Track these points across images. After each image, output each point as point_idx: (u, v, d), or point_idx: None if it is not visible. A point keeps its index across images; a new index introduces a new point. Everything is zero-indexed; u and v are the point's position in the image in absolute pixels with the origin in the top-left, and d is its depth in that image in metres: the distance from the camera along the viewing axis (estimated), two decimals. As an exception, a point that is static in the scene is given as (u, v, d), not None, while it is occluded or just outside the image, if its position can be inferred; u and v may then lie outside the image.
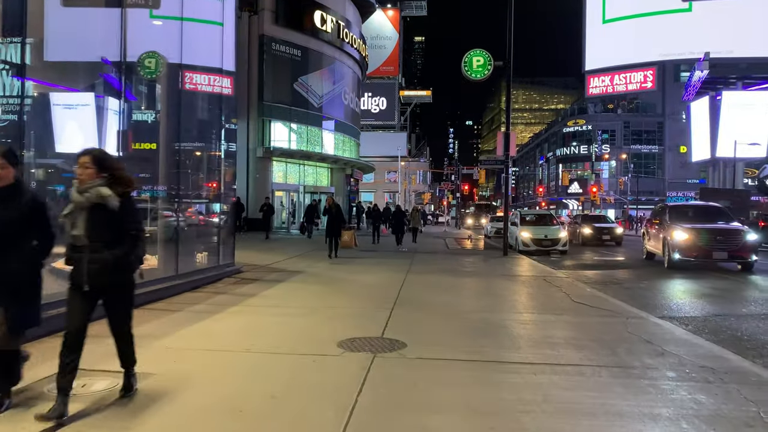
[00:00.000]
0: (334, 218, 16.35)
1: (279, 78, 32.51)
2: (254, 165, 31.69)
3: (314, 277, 12.21)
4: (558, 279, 12.73)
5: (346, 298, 9.57)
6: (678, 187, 79.98)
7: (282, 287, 10.60)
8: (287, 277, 12.00)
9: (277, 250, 18.41)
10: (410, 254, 18.87)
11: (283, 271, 13.18)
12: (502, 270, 14.61)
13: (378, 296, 9.62)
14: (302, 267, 13.97)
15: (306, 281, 11.48)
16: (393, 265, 14.92)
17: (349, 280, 11.81)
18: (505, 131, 19.56)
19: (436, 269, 14.28)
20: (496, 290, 10.82)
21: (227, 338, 6.39)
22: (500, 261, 17.26)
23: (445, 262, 16.70)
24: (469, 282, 11.97)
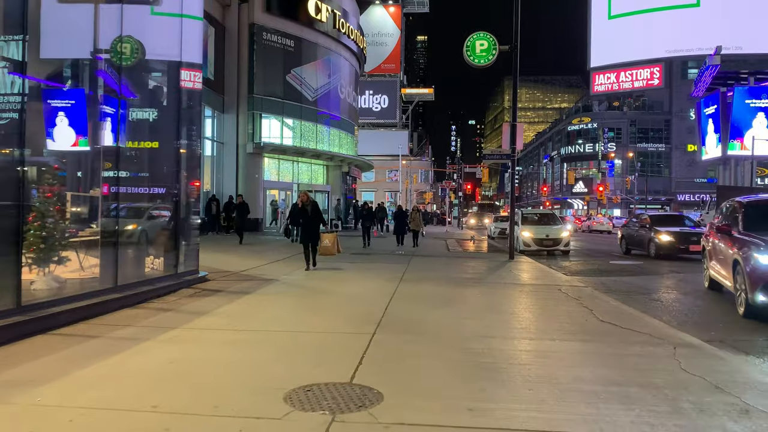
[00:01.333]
0: (310, 219, 13.22)
1: (270, 69, 30.75)
2: (244, 161, 29.94)
3: (289, 287, 10.44)
4: (574, 289, 10.94)
5: (319, 316, 7.78)
6: (685, 187, 78.05)
7: (246, 301, 8.81)
8: (257, 287, 10.23)
9: (257, 255, 16.64)
10: (407, 257, 17.09)
11: (255, 279, 11.41)
12: (508, 277, 12.82)
13: (359, 314, 7.84)
14: (279, 274, 12.20)
15: (278, 293, 9.70)
16: (385, 272, 13.14)
17: (328, 292, 10.02)
18: (512, 122, 17.76)
19: (433, 276, 12.49)
20: (503, 305, 9.02)
21: (134, 385, 4.60)
22: (506, 266, 15.47)
23: (444, 267, 14.91)
24: (471, 293, 10.18)
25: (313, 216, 13.24)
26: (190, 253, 10.81)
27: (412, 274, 12.70)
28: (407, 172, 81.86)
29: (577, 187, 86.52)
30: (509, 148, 17.84)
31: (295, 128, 32.70)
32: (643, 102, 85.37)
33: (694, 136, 77.64)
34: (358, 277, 12.26)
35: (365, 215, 21.59)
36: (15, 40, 6.70)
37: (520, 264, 16.10)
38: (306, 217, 13.29)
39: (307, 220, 13.26)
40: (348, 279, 11.83)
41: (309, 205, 13.30)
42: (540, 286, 11.39)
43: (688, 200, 77.88)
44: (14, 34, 6.73)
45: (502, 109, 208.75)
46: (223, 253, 17.17)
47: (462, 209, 62.53)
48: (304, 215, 13.30)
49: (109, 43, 9.38)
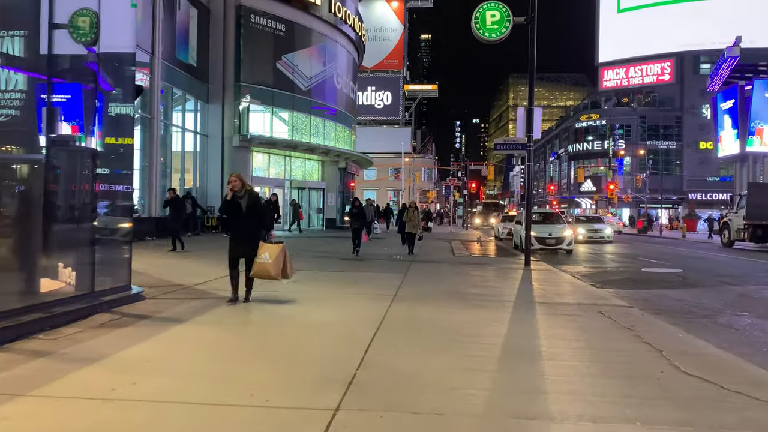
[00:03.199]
0: (245, 220, 8.23)
1: (259, 56, 28.26)
2: (230, 156, 27.45)
3: (239, 311, 7.88)
4: (618, 310, 8.40)
5: (259, 369, 5.19)
6: (697, 185, 75.30)
7: (168, 337, 6.27)
8: (199, 311, 7.69)
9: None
10: (405, 265, 14.53)
11: (205, 297, 8.87)
12: (528, 292, 10.25)
13: (324, 363, 5.30)
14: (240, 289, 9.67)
15: (220, 322, 7.13)
16: (375, 286, 10.59)
17: (291, 320, 7.44)
18: (528, 106, 15.19)
19: (436, 292, 9.92)
20: (533, 341, 6.44)
21: None
22: (523, 275, 12.90)
23: (448, 277, 12.34)
24: (486, 320, 7.62)
25: (248, 214, 8.20)
26: (116, 264, 8.30)
27: (409, 289, 10.13)
28: (410, 170, 79.40)
29: (584, 186, 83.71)
30: (524, 136, 15.27)
31: (286, 119, 30.19)
32: (653, 98, 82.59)
33: (706, 133, 75.05)
34: (338, 294, 9.70)
35: (355, 214, 17.32)
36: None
37: (538, 273, 13.54)
38: (239, 216, 8.24)
39: (241, 220, 8.25)
40: (324, 297, 9.26)
41: (244, 197, 8.22)
42: (573, 306, 8.82)
43: (701, 199, 75.19)
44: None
45: (507, 107, 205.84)
46: (191, 259, 14.66)
47: (466, 208, 59.87)
48: (235, 212, 8.24)
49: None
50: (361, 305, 8.44)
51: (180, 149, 25.38)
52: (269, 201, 16.93)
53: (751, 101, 50.95)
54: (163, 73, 23.08)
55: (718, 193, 74.72)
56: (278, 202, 17.52)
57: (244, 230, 8.27)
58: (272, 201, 16.80)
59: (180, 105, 25.64)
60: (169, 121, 24.52)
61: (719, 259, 20.31)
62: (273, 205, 16.78)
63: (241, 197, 8.22)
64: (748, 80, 52.65)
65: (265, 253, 8.12)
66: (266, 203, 17.13)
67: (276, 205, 17.57)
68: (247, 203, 8.22)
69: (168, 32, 23.32)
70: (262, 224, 8.51)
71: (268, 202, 16.91)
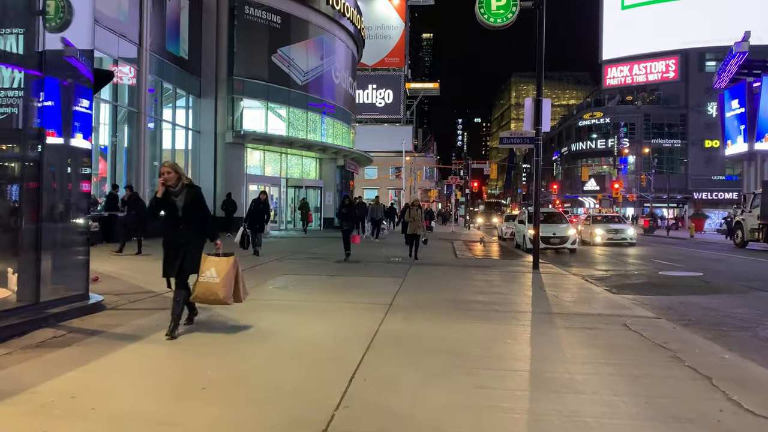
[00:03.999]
0: (181, 225, 6.12)
1: (254, 49, 27.17)
2: (223, 153, 26.39)
3: (206, 327, 6.79)
4: (644, 322, 7.34)
5: (218, 403, 4.12)
6: (702, 184, 74.16)
7: (114, 361, 5.19)
8: (161, 326, 6.57)
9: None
10: (403, 268, 13.45)
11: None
12: (542, 300, 9.17)
13: (298, 398, 4.23)
14: (218, 297, 8.62)
15: (181, 340, 6.04)
16: (369, 292, 9.52)
17: (266, 337, 6.33)
18: (537, 97, 14.09)
19: (437, 301, 8.84)
20: (553, 366, 5.35)
21: None
22: (532, 280, 11.83)
23: (451, 282, 11.26)
24: (495, 336, 6.54)
25: (186, 216, 6.12)
26: (70, 270, 7.24)
27: (407, 297, 9.04)
28: (411, 168, 78.32)
29: (588, 185, 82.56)
30: (532, 129, 14.18)
31: (281, 115, 29.12)
32: (657, 96, 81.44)
33: (711, 131, 73.90)
34: (326, 303, 8.61)
35: (344, 214, 15.20)
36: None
37: (549, 277, 12.46)
38: (173, 219, 6.15)
39: (175, 224, 6.14)
40: (310, 307, 8.19)
41: (181, 193, 6.14)
42: (593, 317, 7.74)
43: (706, 198, 74.08)
44: None
45: (509, 106, 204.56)
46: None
47: (468, 208, 58.75)
48: (169, 213, 6.17)
49: None
50: (351, 317, 7.36)
51: (170, 146, 24.33)
52: (258, 200, 15.29)
53: (759, 98, 49.75)
54: (152, 66, 22.03)
55: (724, 193, 73.57)
56: (268, 201, 15.90)
57: (178, 237, 6.07)
58: (261, 200, 15.24)
59: (170, 100, 24.58)
60: (158, 116, 23.47)
61: (737, 261, 19.21)
62: (263, 205, 15.19)
63: (177, 194, 6.11)
64: (757, 77, 51.40)
65: (211, 269, 6.09)
66: (255, 202, 15.57)
67: (266, 204, 15.94)
68: (184, 202, 6.09)
69: (157, 23, 22.25)
70: (205, 229, 6.32)
71: (257, 201, 15.27)
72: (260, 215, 15.37)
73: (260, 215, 15.37)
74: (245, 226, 14.70)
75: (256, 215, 15.20)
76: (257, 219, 15.26)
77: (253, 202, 15.60)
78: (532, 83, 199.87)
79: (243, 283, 6.36)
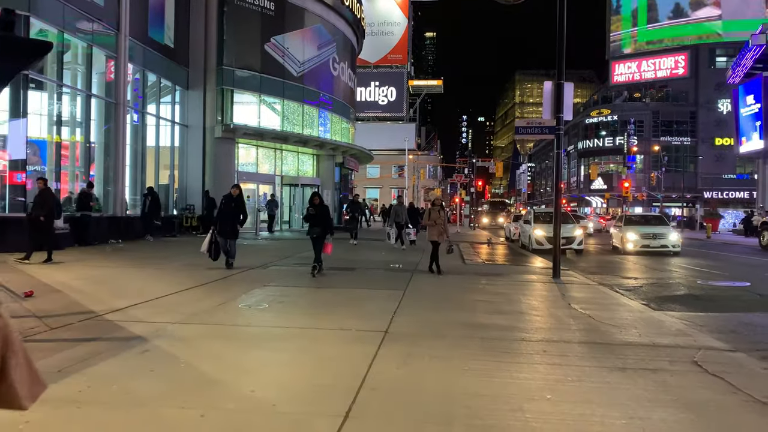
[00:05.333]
0: None
1: (245, 37, 25.40)
2: (212, 148, 24.61)
3: (129, 372, 4.97)
4: (721, 359, 5.55)
5: None
6: (713, 183, 72.20)
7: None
8: (73, 368, 4.80)
9: (176, 275, 11.21)
10: (404, 277, 11.64)
11: (105, 337, 5.94)
12: (576, 322, 7.35)
13: None
14: (169, 318, 6.84)
15: (79, 399, 4.23)
16: (361, 312, 7.71)
17: (204, 389, 4.51)
18: (557, 81, 12.28)
19: (442, 326, 7.01)
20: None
21: None
22: (555, 291, 10.02)
23: (460, 297, 9.45)
24: (525, 389, 4.74)
25: None
26: None
27: (408, 320, 7.23)
28: (414, 167, 76.55)
29: (595, 184, 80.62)
30: (552, 117, 12.38)
31: (275, 108, 27.34)
32: (666, 93, 79.45)
33: (722, 128, 71.93)
34: (303, 328, 6.82)
35: (312, 216, 11.50)
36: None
37: (573, 287, 10.66)
38: None
39: None
40: (279, 335, 6.38)
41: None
42: (649, 349, 5.94)
43: (716, 198, 72.19)
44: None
45: (513, 104, 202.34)
46: (144, 268, 11.80)
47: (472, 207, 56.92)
48: None
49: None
50: (333, 353, 5.56)
51: (155, 141, 22.56)
52: (229, 196, 12.03)
53: (778, 91, 47.73)
54: (133, 54, 20.29)
55: (735, 192, 71.73)
56: (242, 198, 12.16)
57: None
58: (233, 195, 11.98)
59: (155, 91, 22.81)
60: (142, 109, 21.72)
61: (774, 266, 17.36)
62: (235, 203, 11.96)
63: None
64: (774, 71, 49.32)
65: None
66: (225, 199, 12.02)
67: (238, 201, 12.04)
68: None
69: (139, 7, 20.48)
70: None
71: (228, 197, 12.00)
72: (232, 216, 11.91)
73: (232, 216, 11.91)
74: (214, 230, 11.88)
75: (227, 216, 11.87)
76: (228, 221, 11.87)
77: (224, 200, 12.16)
78: (536, 81, 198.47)
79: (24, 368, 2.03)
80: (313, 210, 11.55)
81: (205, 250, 11.72)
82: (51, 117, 16.94)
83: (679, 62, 77.46)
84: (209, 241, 11.74)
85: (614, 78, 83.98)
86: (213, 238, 11.70)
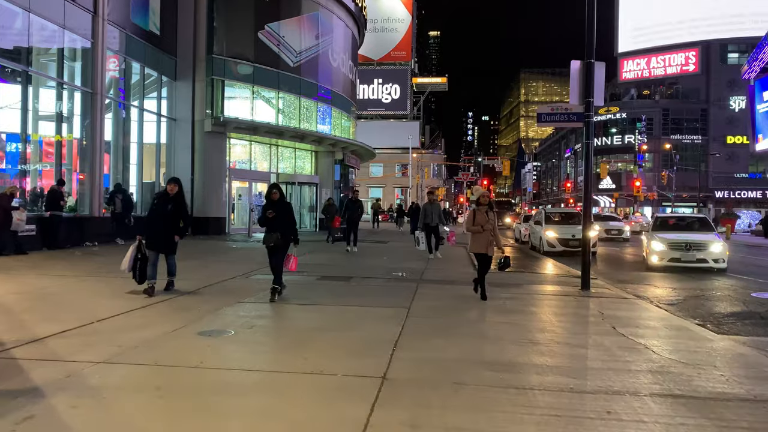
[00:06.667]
0: None
1: (237, 24, 23.69)
2: (202, 143, 22.88)
3: None
4: None
5: None
6: (724, 182, 70.30)
7: None
8: None
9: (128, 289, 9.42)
10: (408, 289, 9.85)
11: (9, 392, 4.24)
12: (635, 360, 5.57)
13: None
14: (95, 354, 5.08)
15: None
16: (350, 344, 5.92)
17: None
18: (586, 60, 10.50)
19: (459, 369, 5.23)
20: None
21: None
22: (591, 309, 8.25)
23: (478, 318, 7.70)
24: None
25: None
26: None
27: (413, 356, 5.45)
28: (418, 165, 74.79)
29: (603, 183, 78.77)
30: (580, 102, 10.60)
31: (270, 100, 25.61)
32: (676, 90, 77.54)
33: (734, 126, 70.02)
34: (269, 371, 5.07)
35: (266, 220, 8.24)
36: None
37: (608, 302, 8.90)
38: None
39: None
40: (236, 391, 4.63)
41: None
42: (750, 407, 4.18)
43: (728, 197, 70.40)
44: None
45: (518, 103, 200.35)
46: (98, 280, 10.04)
47: (477, 207, 54.83)
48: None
49: None
50: (307, 417, 3.81)
51: (137, 136, 20.85)
52: (164, 195, 8.74)
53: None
54: (113, 40, 18.62)
55: (747, 191, 69.89)
56: (183, 198, 8.80)
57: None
58: (169, 195, 8.65)
59: (138, 81, 21.09)
60: (124, 101, 20.03)
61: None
62: (173, 204, 8.60)
63: None
64: (793, 65, 47.41)
65: None
66: (159, 199, 8.74)
67: (177, 202, 8.66)
68: None
69: (120, -11, 18.82)
70: None
71: (163, 196, 8.73)
72: (167, 222, 8.49)
73: (167, 222, 8.49)
74: (141, 241, 8.35)
75: (160, 222, 8.47)
76: (161, 230, 8.49)
77: (156, 199, 8.91)
78: (541, 79, 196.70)
79: None
80: (272, 209, 8.16)
81: (127, 268, 8.32)
82: (19, 108, 15.24)
83: (689, 58, 75.66)
84: (133, 256, 8.29)
85: (622, 75, 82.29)
86: (138, 253, 8.29)
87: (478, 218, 9.07)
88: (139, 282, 8.42)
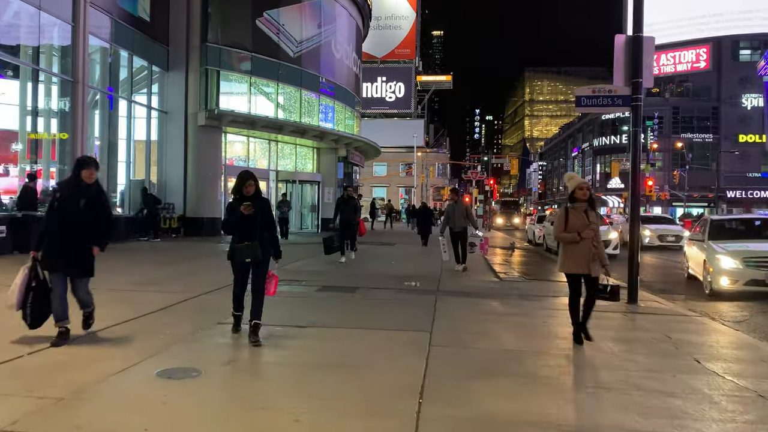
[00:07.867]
0: None
1: (233, 10, 22.15)
2: (195, 138, 21.33)
3: None
4: None
5: None
6: (736, 182, 68.68)
7: None
8: None
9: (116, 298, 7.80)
10: (426, 303, 8.25)
11: None
12: (738, 407, 4.00)
13: None
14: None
15: None
16: (359, 403, 4.30)
17: None
18: (634, 33, 8.91)
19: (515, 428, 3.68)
20: None
21: None
22: (655, 333, 6.66)
23: (521, 347, 6.13)
24: None
25: None
26: None
27: (446, 417, 3.87)
28: (423, 165, 73.30)
29: (612, 183, 77.19)
30: (626, 84, 9.00)
31: (269, 93, 24.04)
32: (686, 88, 75.93)
33: (746, 125, 68.33)
34: None
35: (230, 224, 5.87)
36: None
37: (669, 322, 7.31)
38: None
39: None
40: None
41: None
42: None
43: (740, 197, 68.79)
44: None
45: (523, 102, 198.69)
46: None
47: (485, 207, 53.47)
48: None
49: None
50: None
51: (126, 129, 19.35)
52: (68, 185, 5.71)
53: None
54: (98, 25, 17.10)
55: (760, 191, 68.35)
56: (102, 193, 5.73)
57: None
58: (83, 184, 5.58)
59: (126, 71, 19.58)
60: (110, 92, 18.51)
61: None
62: (86, 200, 5.53)
63: None
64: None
65: None
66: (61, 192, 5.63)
67: (94, 197, 5.57)
68: None
69: (105, -30, 17.29)
70: None
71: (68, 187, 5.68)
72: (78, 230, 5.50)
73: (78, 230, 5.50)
74: (36, 260, 5.47)
75: (69, 230, 5.49)
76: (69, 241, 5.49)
77: (60, 192, 5.73)
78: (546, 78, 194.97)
79: None
80: (247, 207, 5.64)
81: (15, 305, 5.41)
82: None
83: (700, 55, 74.04)
84: (26, 284, 5.45)
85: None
86: (33, 277, 5.49)
87: (572, 220, 6.03)
88: (31, 326, 5.49)
